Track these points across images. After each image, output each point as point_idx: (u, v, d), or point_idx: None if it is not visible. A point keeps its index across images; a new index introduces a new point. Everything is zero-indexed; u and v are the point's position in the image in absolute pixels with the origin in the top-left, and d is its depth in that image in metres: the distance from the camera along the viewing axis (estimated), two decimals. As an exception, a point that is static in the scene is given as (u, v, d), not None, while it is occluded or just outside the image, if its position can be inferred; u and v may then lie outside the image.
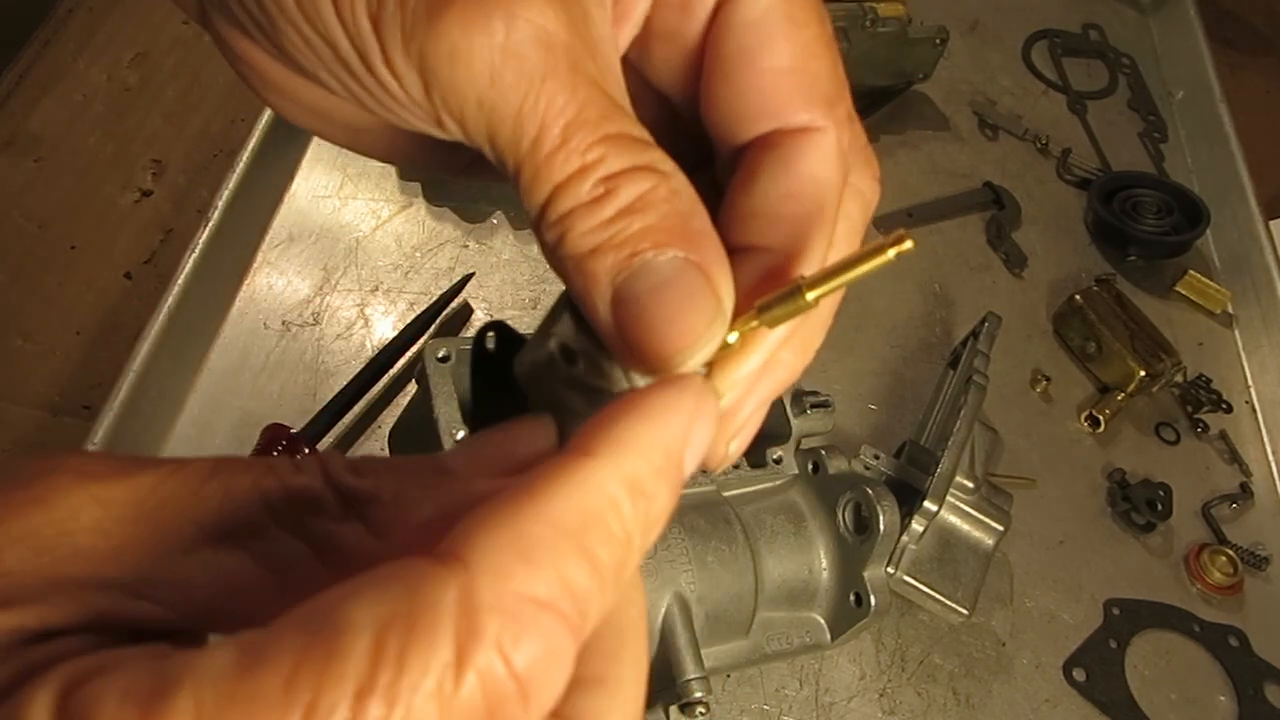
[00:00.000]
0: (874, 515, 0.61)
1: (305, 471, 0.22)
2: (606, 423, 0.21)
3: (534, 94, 0.22)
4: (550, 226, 0.23)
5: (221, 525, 0.20)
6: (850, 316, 0.94)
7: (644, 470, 0.21)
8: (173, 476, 0.21)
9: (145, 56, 1.11)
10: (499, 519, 0.19)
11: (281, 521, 0.21)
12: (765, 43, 0.25)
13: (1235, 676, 0.81)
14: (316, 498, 0.21)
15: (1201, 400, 0.96)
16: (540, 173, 0.23)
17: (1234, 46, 1.35)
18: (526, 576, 0.18)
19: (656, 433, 0.21)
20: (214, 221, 0.82)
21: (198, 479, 0.21)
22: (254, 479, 0.21)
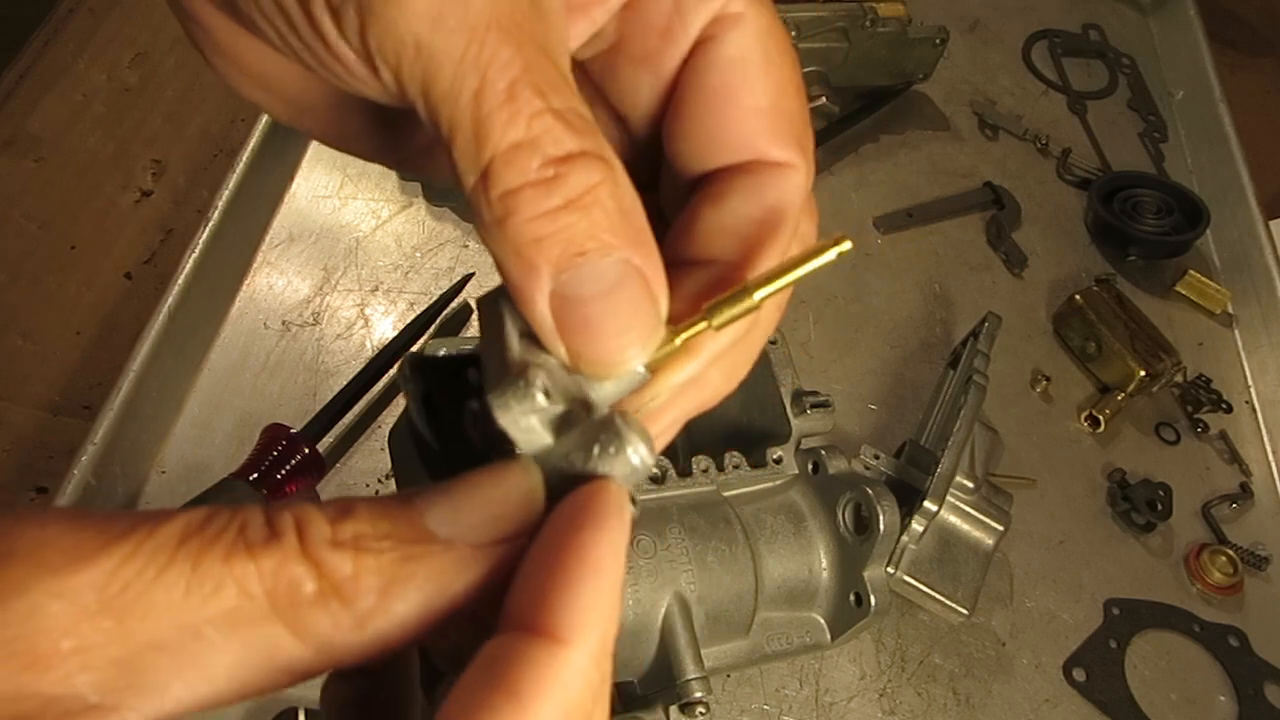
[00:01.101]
0: (874, 515, 0.61)
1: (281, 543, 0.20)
2: (565, 593, 0.20)
3: (478, 41, 0.21)
4: (492, 202, 0.22)
5: (190, 615, 0.19)
6: (850, 317, 0.95)
7: (608, 631, 0.21)
8: (135, 556, 0.19)
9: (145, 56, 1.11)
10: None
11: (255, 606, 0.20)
12: (747, 80, 0.26)
13: (1235, 676, 0.81)
14: (293, 580, 0.20)
15: (1201, 400, 0.96)
16: (480, 132, 0.21)
17: (1234, 46, 1.35)
18: None
19: (609, 585, 0.21)
20: (214, 221, 0.82)
21: (164, 558, 0.19)
22: (224, 553, 0.19)
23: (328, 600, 0.20)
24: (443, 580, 0.21)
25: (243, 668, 0.20)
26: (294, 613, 0.20)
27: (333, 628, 0.20)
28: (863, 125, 1.06)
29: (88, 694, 0.18)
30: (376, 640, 0.21)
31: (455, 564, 0.21)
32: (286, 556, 0.20)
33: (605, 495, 0.22)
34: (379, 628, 0.21)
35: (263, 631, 0.20)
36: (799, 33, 0.97)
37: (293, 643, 0.20)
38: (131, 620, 0.19)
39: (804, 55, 0.98)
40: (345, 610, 0.20)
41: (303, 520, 0.20)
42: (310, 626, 0.20)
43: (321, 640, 0.20)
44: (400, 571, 0.21)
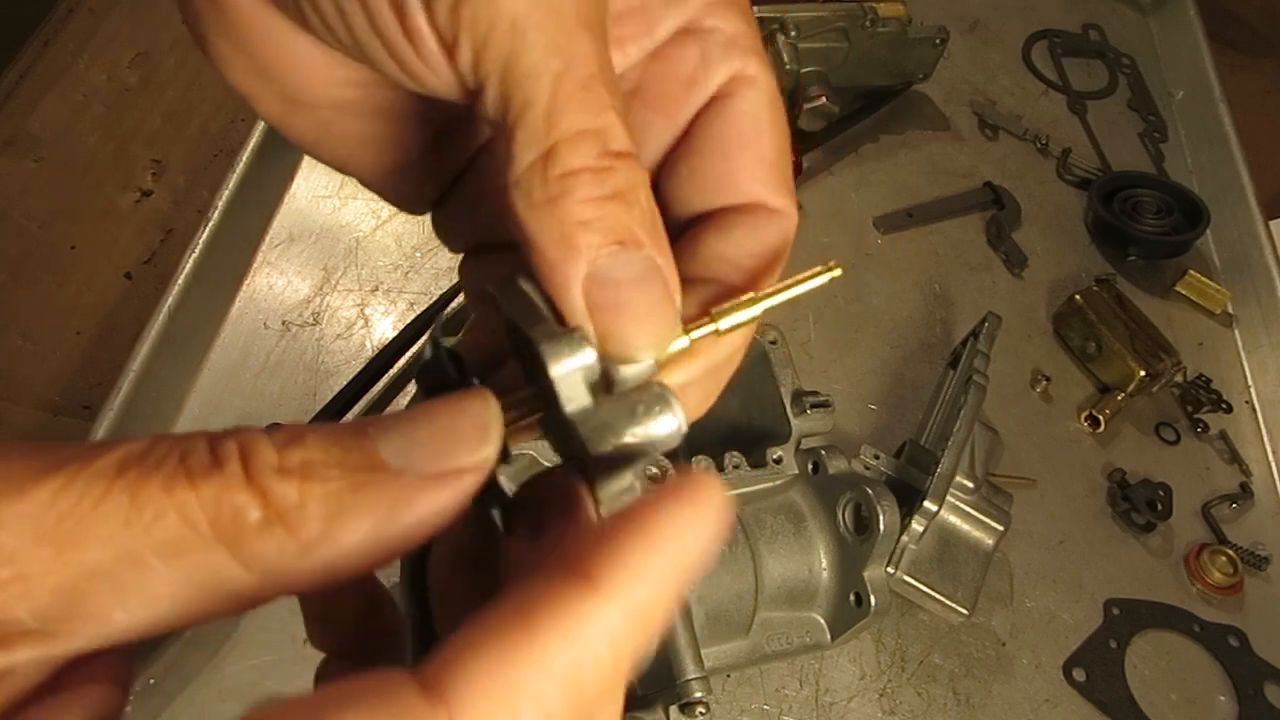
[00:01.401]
0: (874, 515, 0.61)
1: (224, 471, 0.20)
2: (617, 546, 0.20)
3: (567, 31, 0.23)
4: (549, 180, 0.23)
5: (130, 544, 0.19)
6: (850, 317, 0.95)
7: (652, 601, 0.20)
8: (71, 485, 0.19)
9: (145, 56, 1.11)
10: (489, 655, 0.18)
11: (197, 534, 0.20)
12: (758, 135, 0.29)
13: (1235, 676, 0.81)
14: (237, 508, 0.20)
15: (1201, 400, 0.96)
16: (554, 113, 0.23)
17: (1234, 46, 1.35)
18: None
19: (672, 560, 0.20)
20: (214, 221, 0.83)
21: (100, 487, 0.19)
22: (164, 482, 0.19)
23: (273, 528, 0.20)
24: (392, 510, 0.21)
25: (187, 595, 0.20)
26: (238, 540, 0.20)
27: (278, 555, 0.20)
28: (863, 125, 1.06)
29: (26, 619, 0.19)
30: (323, 568, 0.21)
31: (405, 493, 0.21)
32: (229, 484, 0.20)
33: (706, 482, 0.21)
34: (325, 556, 0.21)
35: (206, 559, 0.20)
36: (799, 32, 0.97)
37: (238, 570, 0.20)
38: (70, 549, 0.19)
39: (804, 55, 0.98)
40: (291, 538, 0.20)
41: (248, 447, 0.20)
42: (255, 554, 0.20)
43: (267, 567, 0.20)
44: (348, 500, 0.21)
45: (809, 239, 0.99)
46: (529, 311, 0.25)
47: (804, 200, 1.01)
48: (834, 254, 0.99)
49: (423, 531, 0.21)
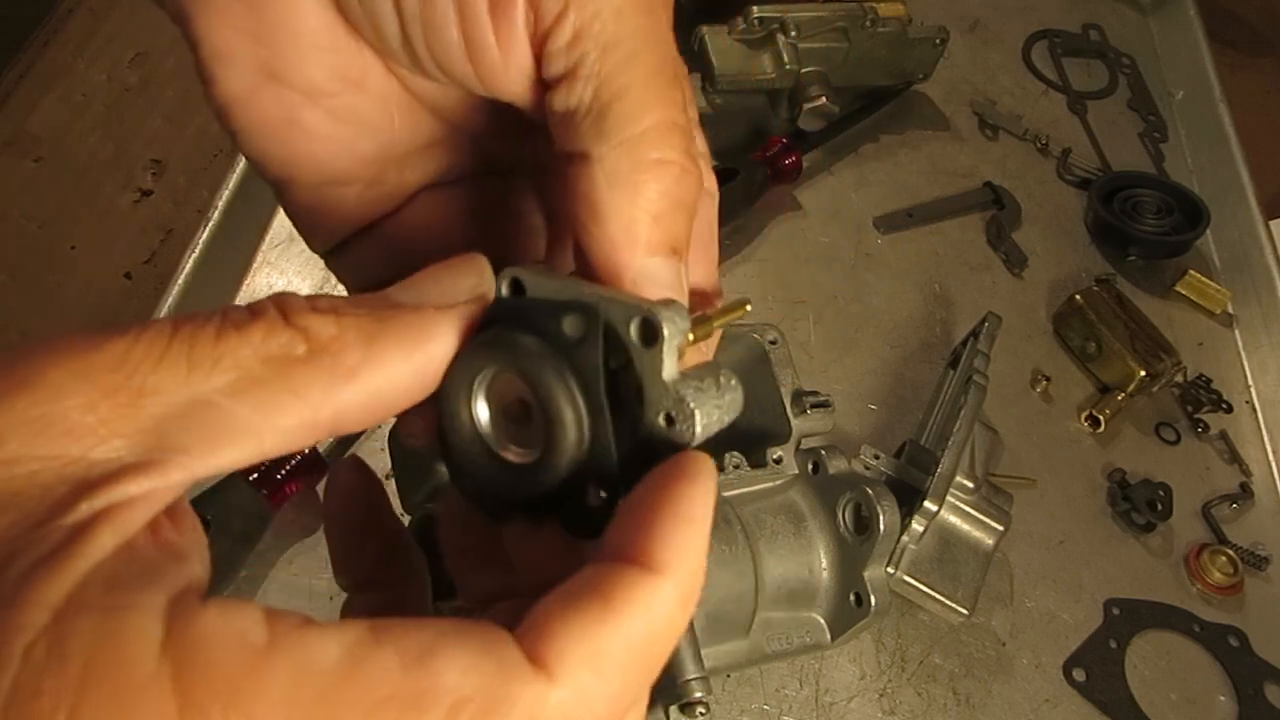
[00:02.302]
0: (874, 515, 0.61)
1: (265, 317, 0.22)
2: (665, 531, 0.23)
3: (661, 33, 0.27)
4: (644, 164, 0.26)
5: (196, 389, 0.21)
6: (850, 317, 0.95)
7: (695, 575, 0.23)
8: (136, 345, 0.21)
9: (145, 56, 1.11)
10: (580, 629, 0.21)
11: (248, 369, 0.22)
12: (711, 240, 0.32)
13: (1235, 676, 0.81)
14: (282, 344, 0.22)
15: (1201, 400, 0.96)
16: (651, 103, 0.26)
17: (1234, 46, 1.35)
18: (598, 693, 0.21)
19: (702, 535, 0.23)
20: (214, 221, 0.82)
21: (161, 344, 0.21)
22: (214, 334, 0.22)
23: (318, 358, 0.22)
24: (419, 335, 0.24)
25: (255, 427, 0.22)
26: (290, 374, 0.22)
27: (329, 383, 0.23)
28: (863, 125, 1.06)
29: (124, 455, 0.21)
30: (372, 396, 0.23)
31: (424, 320, 0.24)
32: (272, 327, 0.22)
33: (700, 460, 0.24)
34: (373, 382, 0.23)
35: (266, 394, 0.22)
36: (799, 32, 0.97)
37: (295, 401, 0.22)
38: (145, 396, 0.21)
39: (804, 55, 0.98)
40: (337, 365, 0.23)
41: (281, 299, 0.23)
42: (307, 385, 0.22)
43: (320, 397, 0.22)
44: (379, 328, 0.23)
45: (809, 239, 0.99)
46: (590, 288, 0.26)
47: (804, 200, 1.01)
48: (834, 253, 0.98)
49: (444, 356, 0.25)
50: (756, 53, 0.99)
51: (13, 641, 0.18)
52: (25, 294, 0.94)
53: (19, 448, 0.20)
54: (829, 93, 0.97)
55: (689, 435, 0.25)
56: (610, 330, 0.25)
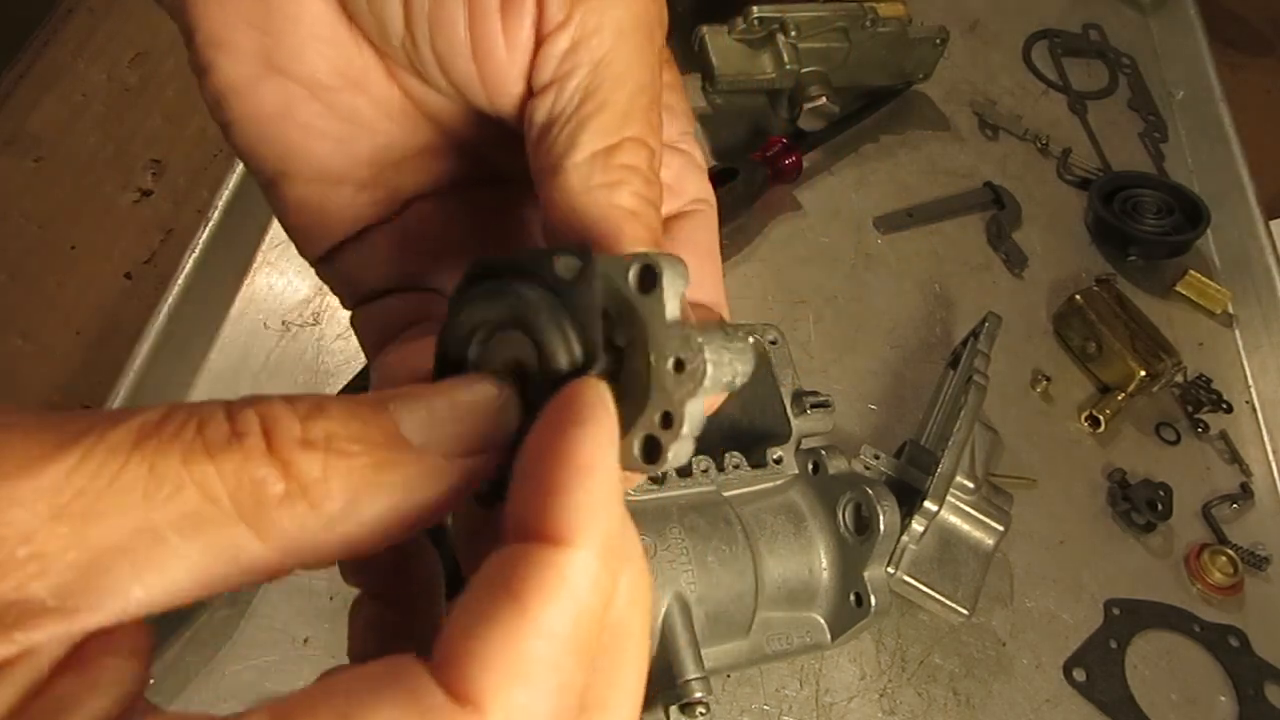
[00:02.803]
0: (874, 515, 0.61)
1: (245, 443, 0.19)
2: (563, 493, 0.20)
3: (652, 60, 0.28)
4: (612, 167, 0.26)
5: (148, 518, 0.19)
6: (850, 316, 0.95)
7: (614, 528, 0.20)
8: (88, 459, 0.19)
9: (145, 56, 1.11)
10: (493, 641, 0.18)
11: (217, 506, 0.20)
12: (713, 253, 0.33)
13: (1235, 676, 0.81)
14: (258, 481, 0.19)
15: (1202, 400, 0.96)
16: (631, 115, 0.27)
17: (1234, 46, 1.35)
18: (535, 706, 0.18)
19: (603, 482, 0.20)
20: (214, 221, 0.82)
21: (118, 461, 0.19)
22: (182, 454, 0.19)
23: (295, 502, 0.20)
24: (413, 489, 0.21)
25: (204, 568, 0.19)
26: (259, 514, 0.19)
27: (299, 530, 0.20)
28: (863, 125, 1.06)
29: (45, 598, 0.18)
30: (343, 543, 0.20)
31: (426, 472, 0.21)
32: (250, 457, 0.19)
33: (586, 391, 0.21)
34: (347, 531, 0.20)
35: (225, 533, 0.19)
36: (799, 32, 0.97)
37: (257, 544, 0.20)
38: (88, 525, 0.18)
39: (804, 55, 0.98)
40: (313, 513, 0.20)
41: (269, 418, 0.20)
42: (275, 528, 0.20)
43: (287, 542, 0.20)
44: (370, 477, 0.20)
45: (809, 239, 0.99)
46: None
47: (804, 200, 1.01)
48: (834, 253, 0.98)
49: (440, 509, 0.22)
50: (757, 53, 0.99)
51: None
52: (25, 294, 0.94)
53: None
54: (829, 93, 0.97)
55: (700, 375, 0.23)
56: (607, 282, 0.24)
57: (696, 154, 0.33)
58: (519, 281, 0.24)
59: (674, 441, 0.23)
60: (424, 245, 0.32)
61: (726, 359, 0.24)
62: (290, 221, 0.31)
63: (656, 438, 0.23)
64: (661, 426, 0.23)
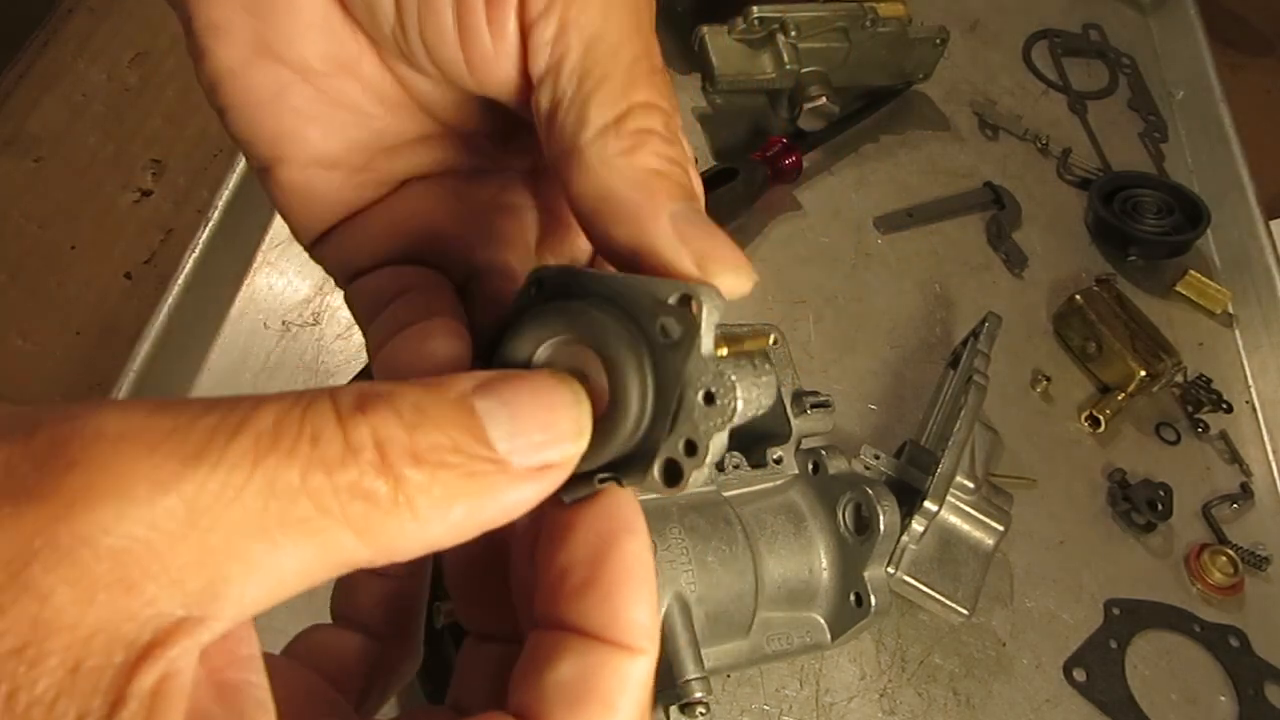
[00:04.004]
0: (874, 515, 0.61)
1: (360, 459, 0.21)
2: (634, 602, 0.24)
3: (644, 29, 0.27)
4: (624, 134, 0.26)
5: (265, 528, 0.20)
6: (850, 316, 0.95)
7: (657, 640, 0.24)
8: (212, 477, 0.19)
9: (145, 56, 1.11)
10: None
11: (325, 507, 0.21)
12: None
13: (1235, 676, 0.81)
14: (369, 492, 0.21)
15: (1202, 400, 0.96)
16: (632, 84, 0.26)
17: (1234, 46, 1.35)
18: None
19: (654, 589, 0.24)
20: (214, 221, 0.82)
21: (241, 476, 0.20)
22: (301, 470, 0.20)
23: (400, 511, 0.21)
24: (492, 495, 0.22)
25: (310, 568, 0.21)
26: (364, 522, 0.21)
27: (397, 533, 0.21)
28: (863, 125, 1.06)
29: (175, 610, 0.19)
30: (428, 543, 0.22)
31: (508, 482, 0.23)
32: (365, 473, 0.21)
33: (629, 504, 0.24)
34: (438, 532, 0.22)
35: (332, 538, 0.21)
36: (799, 32, 0.97)
37: (358, 545, 0.21)
38: (213, 538, 0.19)
39: (804, 55, 0.98)
40: (413, 519, 0.21)
41: (381, 432, 0.21)
42: (378, 533, 0.21)
43: (386, 543, 0.21)
44: (464, 486, 0.22)
45: (809, 239, 0.99)
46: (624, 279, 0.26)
47: (804, 200, 1.01)
48: (834, 253, 0.98)
49: (513, 516, 0.23)
50: (756, 53, 0.99)
51: None
52: (25, 294, 0.94)
53: (77, 612, 0.18)
54: (829, 93, 0.97)
55: (730, 412, 0.24)
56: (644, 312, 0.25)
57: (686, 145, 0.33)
58: (605, 310, 0.25)
59: (695, 469, 0.24)
60: (415, 228, 0.32)
61: (755, 395, 0.25)
62: (285, 206, 0.32)
63: (679, 463, 0.24)
64: (685, 454, 0.24)
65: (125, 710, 0.18)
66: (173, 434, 0.20)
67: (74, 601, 0.18)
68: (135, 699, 0.18)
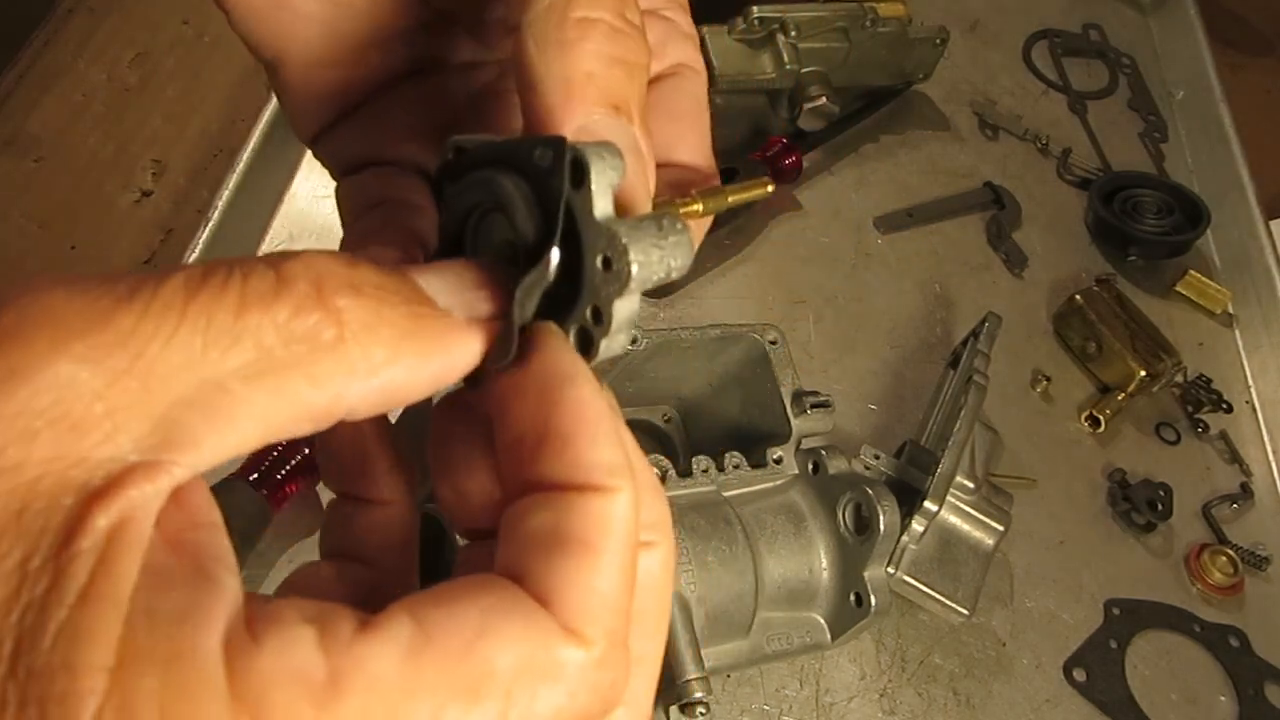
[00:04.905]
0: (874, 515, 0.61)
1: (295, 290, 0.20)
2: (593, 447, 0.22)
3: None
4: (568, 22, 0.25)
5: (210, 371, 0.20)
6: (850, 316, 0.95)
7: (643, 475, 0.24)
8: (147, 316, 0.19)
9: (145, 56, 1.11)
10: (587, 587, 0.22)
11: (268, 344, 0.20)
12: (700, 112, 0.32)
13: (1235, 676, 0.81)
14: (310, 327, 0.20)
15: (1202, 400, 0.96)
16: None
17: (1234, 46, 1.35)
18: (617, 639, 0.22)
19: (616, 427, 0.23)
20: (214, 221, 0.82)
21: (174, 317, 0.19)
22: (235, 306, 0.20)
23: (347, 347, 0.21)
24: (438, 345, 0.23)
25: (266, 416, 0.20)
26: (313, 361, 0.20)
27: (349, 375, 0.21)
28: (863, 125, 1.06)
29: (128, 453, 0.19)
30: (387, 393, 0.22)
31: (451, 331, 0.23)
32: (301, 305, 0.20)
33: (568, 354, 0.24)
34: (392, 380, 0.22)
35: (282, 379, 0.20)
36: (799, 32, 0.97)
37: (311, 390, 0.21)
38: (154, 380, 0.19)
39: (804, 55, 0.98)
40: (363, 358, 0.21)
41: (316, 265, 0.21)
42: (328, 374, 0.21)
43: (338, 387, 0.21)
44: (413, 328, 0.22)
45: (809, 239, 0.99)
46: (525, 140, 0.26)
47: (804, 200, 1.01)
48: (834, 253, 0.98)
49: (459, 368, 0.23)
50: (756, 53, 0.99)
51: (80, 715, 0.17)
52: (25, 294, 0.94)
53: (19, 451, 0.18)
54: (829, 93, 0.97)
55: (624, 279, 0.23)
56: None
57: (683, 22, 0.32)
58: (499, 170, 0.25)
59: (604, 337, 0.24)
60: (405, 126, 0.33)
61: (656, 257, 0.24)
62: (287, 103, 0.33)
63: (589, 331, 0.24)
64: (593, 321, 0.24)
65: (75, 551, 0.18)
66: (104, 281, 0.19)
67: (14, 440, 0.18)
68: (87, 540, 0.18)
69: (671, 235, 0.24)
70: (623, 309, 0.24)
